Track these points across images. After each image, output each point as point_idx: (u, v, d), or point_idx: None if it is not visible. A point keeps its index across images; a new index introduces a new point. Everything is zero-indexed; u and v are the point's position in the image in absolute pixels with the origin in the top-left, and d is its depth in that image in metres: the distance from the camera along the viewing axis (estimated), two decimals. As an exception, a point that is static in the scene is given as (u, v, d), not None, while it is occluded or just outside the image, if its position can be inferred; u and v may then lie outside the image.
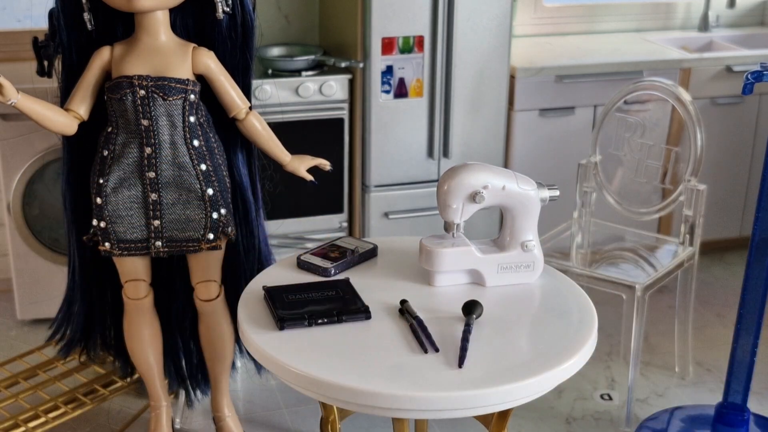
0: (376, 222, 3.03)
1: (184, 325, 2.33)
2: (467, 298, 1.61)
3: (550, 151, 3.14)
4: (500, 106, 3.02)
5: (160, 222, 1.99)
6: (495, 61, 2.97)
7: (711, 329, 2.98)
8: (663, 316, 3.00)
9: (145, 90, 1.91)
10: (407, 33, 2.85)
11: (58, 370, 2.42)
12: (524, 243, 1.72)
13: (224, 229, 2.03)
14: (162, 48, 1.95)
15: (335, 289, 1.66)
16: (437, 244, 1.70)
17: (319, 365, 1.44)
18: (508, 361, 1.47)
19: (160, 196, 1.98)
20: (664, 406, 2.53)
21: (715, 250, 3.48)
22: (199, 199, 1.99)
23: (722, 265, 3.46)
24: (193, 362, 2.39)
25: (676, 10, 3.69)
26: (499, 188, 1.68)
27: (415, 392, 1.38)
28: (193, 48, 1.98)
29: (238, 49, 2.06)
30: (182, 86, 1.94)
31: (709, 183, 2.67)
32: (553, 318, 1.62)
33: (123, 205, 1.98)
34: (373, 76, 2.86)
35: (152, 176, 1.96)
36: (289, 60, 2.91)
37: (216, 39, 2.04)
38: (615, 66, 3.14)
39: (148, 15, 1.93)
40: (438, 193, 1.69)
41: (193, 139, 1.97)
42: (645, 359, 2.76)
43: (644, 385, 2.64)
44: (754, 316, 2.19)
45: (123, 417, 2.44)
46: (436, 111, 2.95)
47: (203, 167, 1.99)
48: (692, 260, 2.56)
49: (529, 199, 1.71)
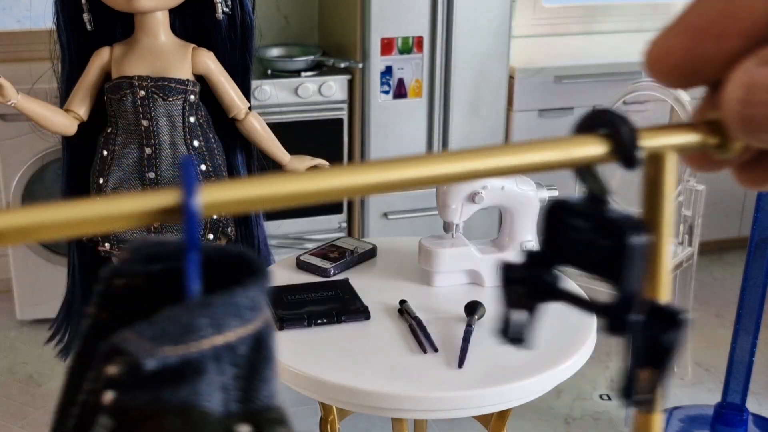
0: (375, 222, 3.03)
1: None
2: (466, 298, 1.62)
3: (550, 152, 3.14)
4: (499, 106, 3.03)
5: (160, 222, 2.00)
6: (494, 61, 2.97)
7: (710, 329, 2.98)
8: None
9: (145, 90, 1.91)
10: (406, 33, 2.85)
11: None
12: (523, 243, 1.73)
13: (224, 230, 2.04)
14: (162, 48, 1.95)
15: (335, 289, 1.66)
16: (436, 245, 1.70)
17: (318, 365, 1.44)
18: (507, 362, 1.47)
19: (159, 196, 1.98)
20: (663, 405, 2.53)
21: (713, 251, 3.49)
22: (199, 199, 1.99)
23: (721, 266, 3.46)
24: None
25: (675, 11, 3.69)
26: (498, 188, 1.68)
27: (414, 392, 1.38)
28: (192, 48, 1.98)
29: (238, 49, 2.06)
30: (182, 87, 1.94)
31: (708, 183, 2.67)
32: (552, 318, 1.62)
33: (123, 206, 1.98)
34: (373, 77, 2.86)
35: (152, 177, 1.96)
36: (289, 60, 2.92)
37: (215, 39, 2.04)
38: (614, 66, 3.14)
39: (148, 15, 1.93)
40: (437, 193, 1.70)
41: (194, 140, 1.98)
42: (644, 359, 2.76)
43: (643, 385, 2.64)
44: (752, 316, 2.20)
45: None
46: (436, 111, 2.95)
47: (203, 168, 1.99)
48: (691, 260, 2.56)
49: (528, 200, 1.71)
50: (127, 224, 0.29)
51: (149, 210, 0.30)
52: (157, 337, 0.29)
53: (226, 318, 0.30)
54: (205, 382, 0.30)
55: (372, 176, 0.30)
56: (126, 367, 0.29)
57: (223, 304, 0.30)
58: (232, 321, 0.30)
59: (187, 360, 0.29)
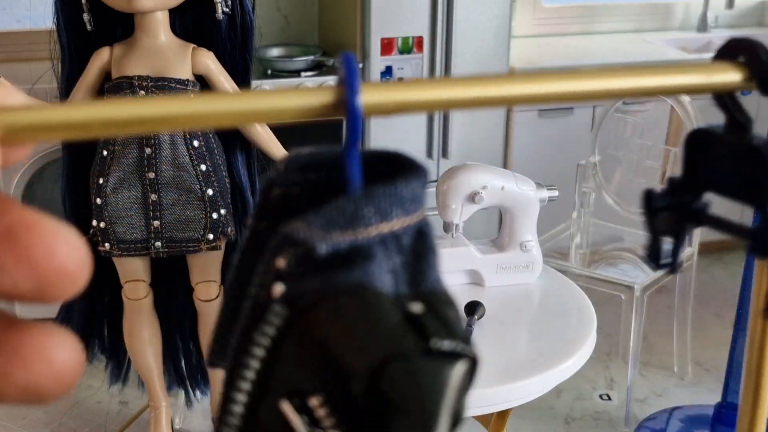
0: (375, 222, 3.03)
1: (184, 325, 2.33)
2: (466, 298, 1.62)
3: (549, 152, 3.14)
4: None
5: (160, 222, 2.00)
6: (494, 61, 2.97)
7: (710, 329, 2.98)
8: (662, 317, 3.00)
9: (145, 90, 1.91)
10: (406, 33, 2.85)
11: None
12: (523, 243, 1.72)
13: (224, 230, 2.03)
14: (162, 48, 1.95)
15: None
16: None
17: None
18: (507, 361, 1.47)
19: (159, 196, 1.98)
20: (663, 406, 2.53)
21: (713, 251, 3.48)
22: (199, 199, 1.99)
23: (721, 266, 3.46)
24: (192, 363, 2.39)
25: (674, 11, 3.69)
26: (498, 189, 1.68)
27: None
28: (192, 48, 1.98)
29: (238, 49, 2.06)
30: (182, 87, 1.94)
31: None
32: (552, 318, 1.63)
33: (123, 206, 1.98)
34: (373, 77, 2.86)
35: (152, 177, 1.96)
36: (288, 60, 2.91)
37: (215, 39, 2.04)
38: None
39: (148, 15, 1.93)
40: (437, 193, 1.69)
41: (193, 140, 1.98)
42: (644, 359, 2.76)
43: (643, 385, 2.64)
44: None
45: (123, 417, 2.44)
46: (435, 112, 2.95)
47: (203, 167, 1.99)
48: (691, 260, 2.56)
49: (528, 200, 1.71)
50: (290, 117, 0.30)
51: (312, 106, 0.30)
52: (326, 225, 0.30)
53: (390, 207, 0.31)
54: (375, 266, 0.31)
55: (545, 86, 0.31)
56: (299, 254, 0.31)
57: (387, 194, 0.31)
58: (396, 210, 0.31)
59: (356, 246, 0.31)
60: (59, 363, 0.24)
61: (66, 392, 0.24)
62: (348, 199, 0.31)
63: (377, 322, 0.29)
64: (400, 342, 0.29)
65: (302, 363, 0.31)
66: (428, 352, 0.29)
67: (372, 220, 0.31)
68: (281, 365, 0.31)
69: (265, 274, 0.32)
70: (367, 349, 0.29)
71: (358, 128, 0.31)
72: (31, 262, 0.23)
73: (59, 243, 0.24)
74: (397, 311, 0.30)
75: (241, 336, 0.33)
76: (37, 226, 0.24)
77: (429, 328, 0.30)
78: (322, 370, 0.30)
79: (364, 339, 0.29)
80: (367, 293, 0.30)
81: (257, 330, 0.32)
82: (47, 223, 0.24)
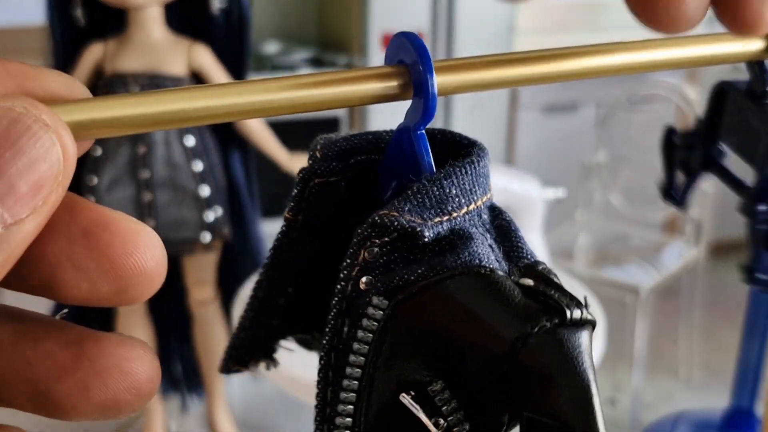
0: (376, 222, 3.00)
1: (179, 328, 2.30)
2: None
3: (554, 151, 3.11)
4: (502, 104, 2.99)
5: (156, 222, 1.96)
6: (497, 58, 2.94)
7: (718, 332, 2.94)
8: (668, 319, 2.96)
9: (140, 87, 1.88)
10: (407, 28, 2.80)
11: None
12: (527, 245, 1.68)
13: (220, 230, 2.00)
14: (156, 44, 1.92)
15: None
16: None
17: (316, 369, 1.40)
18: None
19: (154, 196, 1.94)
20: (670, 410, 2.49)
21: (721, 252, 3.44)
22: (195, 199, 1.96)
23: (729, 267, 3.41)
24: (187, 366, 2.36)
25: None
26: (501, 188, 1.64)
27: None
28: (188, 44, 1.95)
29: (234, 44, 2.03)
30: (177, 83, 1.91)
31: (717, 184, 2.62)
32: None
33: (117, 206, 1.95)
34: (373, 73, 2.82)
35: (147, 176, 1.93)
36: (286, 55, 2.89)
37: (211, 34, 2.01)
38: (619, 63, 3.10)
39: (142, 10, 1.90)
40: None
41: (188, 138, 1.95)
42: (650, 363, 2.72)
43: (649, 389, 2.60)
44: (762, 319, 2.15)
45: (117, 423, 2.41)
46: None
47: (199, 166, 1.96)
48: (698, 262, 2.52)
49: (530, 200, 1.67)
50: (356, 103, 0.29)
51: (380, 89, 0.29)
52: (419, 210, 0.30)
53: (472, 186, 0.32)
54: (478, 245, 0.31)
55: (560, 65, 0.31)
56: (395, 241, 0.30)
57: (467, 173, 0.31)
58: (478, 189, 0.32)
59: (453, 228, 0.31)
60: (138, 375, 0.23)
61: (144, 405, 0.24)
62: (431, 182, 0.31)
63: (504, 299, 0.30)
64: (536, 315, 0.29)
65: (412, 353, 0.31)
66: (563, 322, 0.30)
67: (460, 200, 0.31)
68: (388, 358, 0.31)
69: (352, 267, 0.31)
70: (501, 326, 0.29)
71: (434, 109, 0.30)
72: (112, 263, 0.23)
73: (139, 242, 0.24)
74: (515, 286, 0.30)
75: (333, 334, 0.33)
76: (115, 225, 0.23)
77: (555, 299, 0.30)
78: (436, 357, 0.30)
79: (494, 317, 0.29)
80: (484, 272, 0.30)
81: (356, 325, 0.31)
82: (125, 221, 0.24)
